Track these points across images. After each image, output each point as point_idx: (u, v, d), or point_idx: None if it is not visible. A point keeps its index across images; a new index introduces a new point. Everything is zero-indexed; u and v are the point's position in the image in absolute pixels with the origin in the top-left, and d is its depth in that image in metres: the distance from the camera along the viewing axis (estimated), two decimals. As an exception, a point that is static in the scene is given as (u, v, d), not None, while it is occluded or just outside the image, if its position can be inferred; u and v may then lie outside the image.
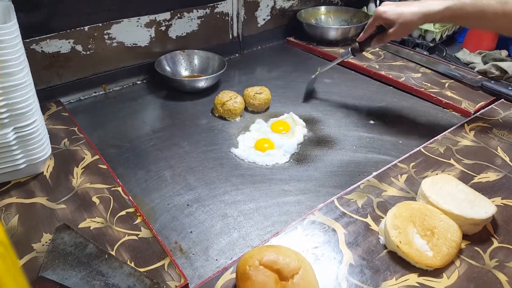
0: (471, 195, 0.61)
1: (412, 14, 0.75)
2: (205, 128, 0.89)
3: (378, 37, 0.83)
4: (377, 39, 0.83)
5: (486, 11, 0.68)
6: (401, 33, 0.79)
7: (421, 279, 0.51)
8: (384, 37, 0.81)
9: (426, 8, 0.74)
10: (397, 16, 0.76)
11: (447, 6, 0.71)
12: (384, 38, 0.82)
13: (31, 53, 0.85)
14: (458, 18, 0.73)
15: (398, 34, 0.79)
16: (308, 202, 0.68)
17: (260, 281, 0.46)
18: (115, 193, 0.65)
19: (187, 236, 0.61)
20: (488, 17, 0.69)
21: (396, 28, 0.77)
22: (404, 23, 0.76)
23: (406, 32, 0.79)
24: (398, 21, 0.76)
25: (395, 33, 0.78)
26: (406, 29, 0.77)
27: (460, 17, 0.72)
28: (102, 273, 0.52)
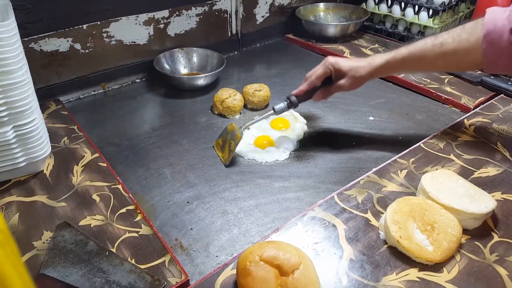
0: (471, 190, 0.61)
1: (362, 68, 0.74)
2: (204, 125, 0.89)
3: (326, 89, 0.78)
4: (323, 91, 0.78)
5: (425, 56, 0.70)
6: (352, 85, 0.76)
7: (421, 274, 0.51)
8: (333, 88, 0.78)
9: (372, 63, 0.74)
10: (349, 68, 0.74)
11: (387, 59, 0.73)
12: (332, 90, 0.78)
13: (30, 52, 0.85)
14: (401, 67, 0.76)
15: (348, 87, 0.76)
16: (308, 199, 0.68)
17: (260, 276, 0.46)
18: (115, 190, 0.65)
19: (187, 233, 0.61)
20: (428, 61, 0.71)
21: (347, 80, 0.75)
22: (355, 76, 0.74)
23: (355, 86, 0.76)
24: (349, 74, 0.74)
25: (346, 85, 0.75)
26: (356, 82, 0.75)
27: (403, 66, 0.73)
28: (103, 270, 0.52)
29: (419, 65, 0.74)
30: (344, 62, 0.75)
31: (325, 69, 0.76)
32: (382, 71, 0.75)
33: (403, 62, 0.72)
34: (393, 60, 0.73)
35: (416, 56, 0.71)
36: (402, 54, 0.72)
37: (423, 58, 0.71)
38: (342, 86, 0.76)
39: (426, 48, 0.70)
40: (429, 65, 0.74)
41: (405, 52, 0.72)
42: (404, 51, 0.72)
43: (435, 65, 0.73)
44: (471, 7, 1.38)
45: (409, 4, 1.26)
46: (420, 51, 0.70)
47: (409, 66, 0.75)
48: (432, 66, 0.75)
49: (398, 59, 0.72)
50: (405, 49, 0.72)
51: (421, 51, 0.70)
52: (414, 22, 1.25)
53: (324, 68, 0.76)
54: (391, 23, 1.33)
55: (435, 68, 0.80)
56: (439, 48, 0.69)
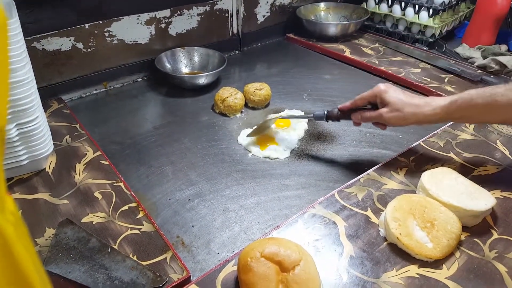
0: (471, 187, 0.61)
1: (411, 106, 0.65)
2: (205, 124, 0.89)
3: (367, 113, 0.70)
4: (363, 114, 0.70)
5: (497, 101, 0.59)
6: (393, 120, 0.67)
7: (421, 270, 0.52)
8: (373, 116, 0.69)
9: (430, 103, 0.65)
10: (393, 101, 0.66)
11: (453, 100, 0.63)
12: (371, 117, 0.70)
13: (32, 51, 0.85)
14: (465, 112, 0.63)
15: (388, 120, 0.67)
16: (309, 196, 0.69)
17: (261, 272, 0.46)
18: (117, 188, 0.66)
19: (189, 230, 0.62)
20: (500, 106, 0.60)
21: (388, 112, 0.67)
22: (399, 112, 0.65)
23: (398, 122, 0.67)
24: (393, 106, 0.66)
25: (386, 117, 0.67)
26: (398, 119, 0.66)
27: (467, 110, 0.62)
28: (105, 267, 0.52)
29: (488, 112, 0.62)
30: (394, 93, 0.66)
31: (371, 94, 0.69)
32: (443, 113, 0.64)
33: (470, 105, 0.62)
34: (460, 101, 0.62)
35: (486, 100, 0.60)
36: (471, 95, 0.62)
37: (495, 102, 0.60)
38: (382, 116, 0.67)
39: (498, 91, 0.60)
40: (500, 113, 0.61)
41: (474, 94, 0.62)
42: (473, 93, 0.62)
43: (507, 113, 0.61)
44: (471, 7, 1.38)
45: (409, 3, 1.26)
46: (491, 94, 0.60)
47: (476, 112, 0.62)
48: (503, 114, 0.61)
49: (466, 100, 0.62)
50: (474, 91, 0.62)
51: (492, 94, 0.60)
52: (415, 22, 1.26)
53: (371, 92, 0.69)
54: (391, 23, 1.33)
55: (505, 118, 0.63)
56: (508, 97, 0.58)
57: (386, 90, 0.67)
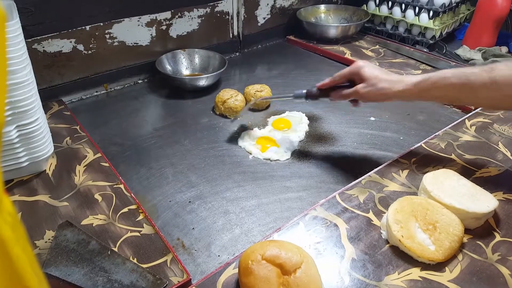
0: (473, 189, 0.61)
1: (386, 81, 0.65)
2: (206, 126, 0.89)
3: (345, 91, 0.70)
4: (341, 93, 0.71)
5: (471, 80, 0.59)
6: (369, 95, 0.67)
7: (423, 273, 0.51)
8: (350, 92, 0.69)
9: (404, 80, 0.65)
10: (370, 76, 0.66)
11: (423, 78, 0.63)
12: (349, 94, 0.70)
13: (33, 52, 0.85)
14: (439, 91, 0.63)
15: (364, 95, 0.67)
16: (310, 198, 0.68)
17: (262, 275, 0.46)
18: (117, 190, 0.65)
19: (189, 233, 0.61)
20: (473, 88, 0.59)
21: (364, 87, 0.67)
22: (376, 87, 0.66)
23: (374, 97, 0.67)
24: (369, 81, 0.66)
25: (362, 92, 0.67)
26: (374, 94, 0.67)
27: (441, 89, 0.62)
28: (105, 269, 0.52)
29: (461, 91, 0.61)
30: (370, 69, 0.67)
31: (350, 71, 0.70)
32: (416, 89, 0.64)
33: (444, 83, 0.61)
34: (434, 77, 0.62)
35: (460, 78, 0.60)
36: (444, 73, 0.62)
37: (468, 82, 0.59)
38: (358, 92, 0.68)
39: (472, 71, 0.59)
40: (473, 94, 0.60)
41: (449, 72, 0.61)
42: (448, 71, 0.62)
43: (480, 95, 0.59)
44: (472, 9, 1.38)
45: (409, 5, 1.26)
46: (465, 73, 0.59)
47: (450, 90, 0.62)
48: (477, 95, 0.60)
49: (440, 77, 0.62)
50: (450, 70, 0.62)
51: (466, 73, 0.59)
52: (415, 24, 1.26)
53: (349, 69, 0.70)
54: (391, 25, 1.33)
55: (479, 100, 0.64)
56: (488, 73, 0.57)
57: (363, 66, 0.68)
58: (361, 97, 0.69)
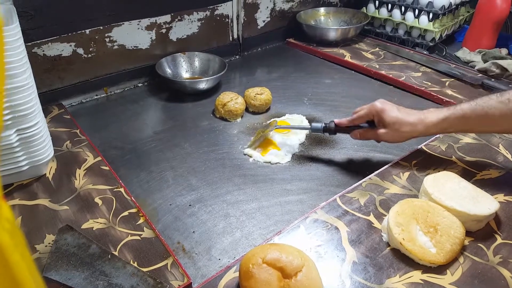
0: (474, 191, 0.60)
1: (409, 125, 0.66)
2: (206, 129, 0.89)
3: (364, 132, 0.72)
4: (360, 133, 0.73)
5: (490, 114, 0.61)
6: (394, 138, 0.69)
7: (424, 276, 0.51)
8: (370, 135, 0.71)
9: (424, 120, 0.66)
10: (392, 122, 0.67)
11: (445, 117, 0.65)
12: (369, 136, 0.72)
13: (33, 56, 0.85)
14: (460, 127, 0.66)
15: (390, 139, 0.69)
16: (310, 201, 0.68)
17: (263, 279, 0.46)
18: (118, 194, 0.65)
19: (189, 236, 0.61)
20: (493, 119, 0.61)
21: (388, 132, 0.68)
22: (399, 131, 0.67)
23: (398, 139, 0.69)
24: (392, 127, 0.67)
25: (386, 137, 0.69)
26: (399, 137, 0.68)
27: (462, 125, 0.65)
28: (105, 273, 0.52)
29: (481, 125, 0.64)
30: (391, 112, 0.67)
31: (368, 113, 0.70)
32: (436, 129, 0.66)
33: (463, 121, 0.64)
34: (452, 117, 0.64)
35: (479, 115, 0.62)
36: (463, 111, 0.63)
37: (487, 116, 0.61)
38: (380, 136, 0.70)
39: (490, 104, 0.61)
40: (494, 125, 0.64)
41: (466, 108, 0.63)
42: (465, 107, 0.63)
43: (501, 125, 0.63)
44: (471, 11, 1.38)
45: (409, 8, 1.26)
46: (483, 107, 0.62)
47: (470, 125, 0.65)
48: (497, 126, 0.64)
49: (458, 117, 0.64)
50: (467, 105, 0.64)
51: (484, 107, 0.62)
52: (415, 26, 1.26)
53: (367, 111, 0.70)
54: (391, 27, 1.33)
55: (499, 129, 0.67)
56: (507, 105, 0.60)
57: (383, 110, 0.68)
58: (383, 140, 0.70)
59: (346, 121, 0.74)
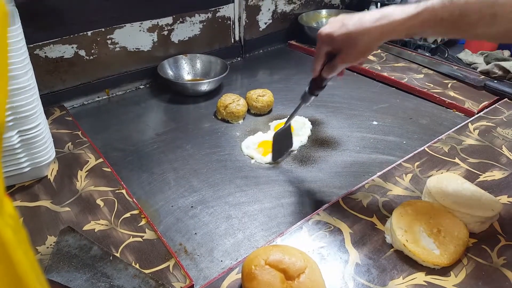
0: (477, 193, 0.60)
1: (364, 34, 0.55)
2: (208, 131, 0.89)
3: (328, 65, 0.62)
4: (327, 67, 0.63)
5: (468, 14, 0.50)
6: (353, 59, 0.59)
7: (428, 278, 0.51)
8: (333, 65, 0.61)
9: (381, 20, 0.54)
10: (345, 38, 0.56)
11: (412, 15, 0.52)
12: (333, 67, 0.61)
13: (35, 58, 0.86)
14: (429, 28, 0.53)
15: (349, 60, 0.59)
16: (313, 203, 0.68)
17: (266, 280, 0.45)
18: (119, 195, 0.65)
19: (191, 238, 0.61)
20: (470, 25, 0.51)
21: (344, 54, 0.58)
22: (355, 49, 0.57)
23: (360, 57, 0.59)
24: (348, 46, 0.57)
25: (345, 59, 0.59)
26: (357, 54, 0.58)
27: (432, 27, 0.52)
28: (107, 275, 0.51)
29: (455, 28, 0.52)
30: (338, 31, 0.56)
31: (320, 44, 0.61)
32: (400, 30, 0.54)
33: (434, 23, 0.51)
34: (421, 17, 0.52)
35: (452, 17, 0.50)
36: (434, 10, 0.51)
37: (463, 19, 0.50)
38: (343, 61, 0.60)
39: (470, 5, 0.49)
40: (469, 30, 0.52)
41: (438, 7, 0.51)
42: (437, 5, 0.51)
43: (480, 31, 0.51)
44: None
45: (411, 10, 1.26)
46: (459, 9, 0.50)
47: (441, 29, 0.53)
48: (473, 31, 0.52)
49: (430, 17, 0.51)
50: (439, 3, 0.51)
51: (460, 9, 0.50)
52: (417, 28, 1.25)
53: (319, 45, 0.61)
54: (393, 29, 1.33)
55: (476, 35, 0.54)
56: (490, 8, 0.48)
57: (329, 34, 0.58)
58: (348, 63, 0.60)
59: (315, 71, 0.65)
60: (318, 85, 0.69)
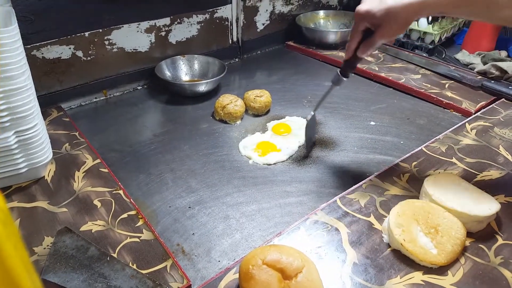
0: (475, 192, 0.60)
1: (404, 7, 0.59)
2: (206, 131, 0.89)
3: (365, 43, 0.65)
4: (364, 45, 0.66)
5: None
6: (393, 33, 0.62)
7: (426, 277, 0.51)
8: (372, 41, 0.64)
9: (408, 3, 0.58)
10: (384, 13, 0.60)
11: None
12: (372, 43, 0.64)
13: (32, 59, 0.85)
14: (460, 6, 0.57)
15: (389, 35, 0.63)
16: (311, 203, 0.68)
17: (263, 280, 0.45)
18: (117, 196, 0.65)
19: (189, 238, 0.61)
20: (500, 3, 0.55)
21: (384, 29, 0.61)
22: (395, 22, 0.60)
23: (399, 32, 0.63)
24: (387, 21, 0.60)
25: (385, 34, 0.62)
26: (397, 28, 0.61)
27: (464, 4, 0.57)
28: (104, 276, 0.51)
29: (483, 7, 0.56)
30: (377, 7, 0.60)
31: (358, 22, 0.64)
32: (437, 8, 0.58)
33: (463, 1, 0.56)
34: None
35: None
36: None
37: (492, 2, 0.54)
38: (381, 37, 0.63)
39: None
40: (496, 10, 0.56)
41: None
42: None
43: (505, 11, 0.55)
44: (470, 14, 1.38)
45: (408, 10, 1.26)
46: None
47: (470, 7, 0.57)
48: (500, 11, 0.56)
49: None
50: None
51: None
52: (414, 29, 1.26)
53: (358, 22, 0.64)
54: (390, 30, 1.33)
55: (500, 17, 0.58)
56: None
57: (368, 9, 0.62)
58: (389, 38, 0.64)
59: (348, 47, 0.69)
60: (351, 65, 0.71)
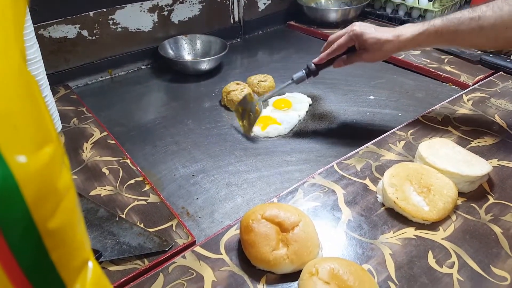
0: (468, 156, 0.62)
1: (389, 43, 0.70)
2: (208, 108, 0.91)
3: (348, 59, 0.76)
4: (344, 61, 0.77)
5: (459, 30, 0.65)
6: (375, 58, 0.75)
7: (418, 232, 0.53)
8: (353, 60, 0.76)
9: (400, 37, 0.70)
10: (374, 42, 0.71)
11: (419, 32, 0.69)
12: (351, 61, 0.76)
13: (39, 38, 0.87)
14: (433, 42, 0.70)
15: (369, 60, 0.75)
16: (309, 171, 0.70)
17: (262, 232, 0.48)
18: (124, 164, 0.68)
19: (193, 202, 0.64)
20: (463, 36, 0.66)
21: (370, 54, 0.73)
22: (381, 50, 0.72)
23: (379, 59, 0.75)
24: (374, 47, 0.72)
25: (369, 59, 0.74)
26: (380, 56, 0.74)
27: (434, 40, 0.69)
28: (113, 233, 0.54)
29: (452, 40, 0.69)
30: (370, 34, 0.71)
31: (349, 39, 0.73)
32: (412, 44, 0.71)
33: (436, 36, 0.68)
34: (426, 33, 0.68)
35: (451, 31, 0.66)
36: (436, 27, 0.67)
37: (458, 32, 0.66)
38: (365, 59, 0.75)
39: (462, 21, 0.65)
40: (463, 41, 0.69)
41: (439, 25, 0.67)
42: (438, 24, 0.67)
43: (470, 41, 0.68)
44: (472, -9, 1.38)
45: (409, -12, 1.27)
46: (455, 24, 0.65)
47: (442, 41, 0.70)
48: (467, 42, 0.69)
49: (431, 33, 0.68)
50: (439, 22, 0.67)
51: (456, 24, 0.65)
52: (415, 7, 1.27)
53: (348, 38, 0.73)
54: (391, 8, 1.34)
55: (469, 44, 0.72)
56: (476, 22, 0.64)
57: (363, 33, 0.72)
58: (366, 61, 0.75)
59: (325, 55, 0.77)
60: (319, 69, 0.79)
